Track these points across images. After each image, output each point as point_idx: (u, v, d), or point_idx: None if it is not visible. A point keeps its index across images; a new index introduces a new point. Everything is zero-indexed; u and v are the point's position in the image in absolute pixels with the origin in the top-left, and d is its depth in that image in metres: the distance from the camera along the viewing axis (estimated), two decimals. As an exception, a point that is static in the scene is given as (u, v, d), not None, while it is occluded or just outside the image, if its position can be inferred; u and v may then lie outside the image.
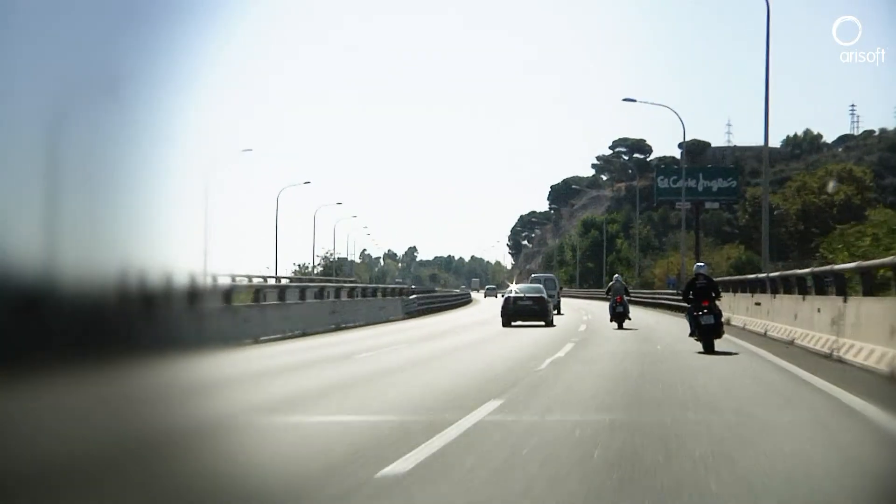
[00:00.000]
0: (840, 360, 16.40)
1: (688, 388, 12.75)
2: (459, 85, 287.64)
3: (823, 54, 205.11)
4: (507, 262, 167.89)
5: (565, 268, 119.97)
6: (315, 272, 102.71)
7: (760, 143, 42.26)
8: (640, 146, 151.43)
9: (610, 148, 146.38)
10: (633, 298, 35.41)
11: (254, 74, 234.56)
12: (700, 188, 72.00)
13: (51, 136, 4.99)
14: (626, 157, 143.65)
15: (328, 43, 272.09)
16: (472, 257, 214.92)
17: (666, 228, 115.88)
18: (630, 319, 30.76)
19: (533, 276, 57.69)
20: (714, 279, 21.26)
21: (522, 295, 34.30)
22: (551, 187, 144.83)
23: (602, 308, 36.52)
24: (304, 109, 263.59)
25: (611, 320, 30.57)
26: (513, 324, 32.79)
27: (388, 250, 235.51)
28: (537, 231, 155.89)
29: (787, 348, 20.19)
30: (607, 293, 31.72)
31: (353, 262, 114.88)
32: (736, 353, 19.10)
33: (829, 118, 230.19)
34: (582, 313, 46.03)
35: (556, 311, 41.77)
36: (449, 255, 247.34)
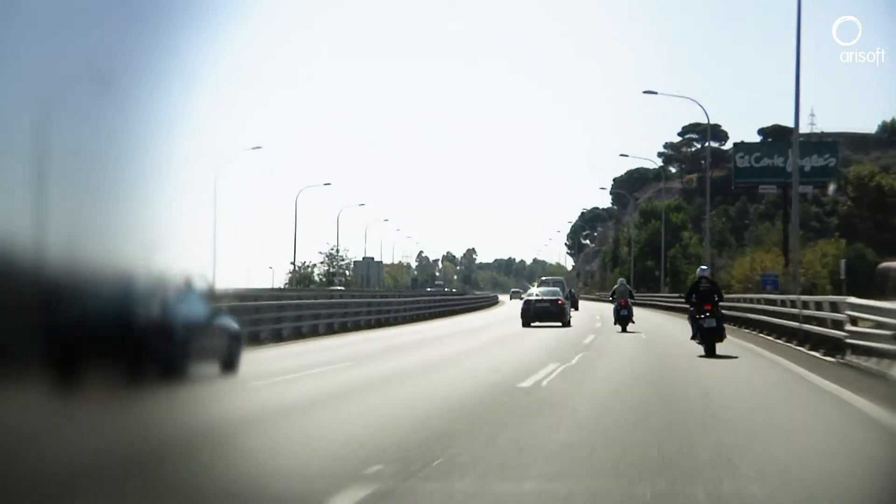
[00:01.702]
0: None
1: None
2: (512, 77, 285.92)
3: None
4: (568, 263, 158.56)
5: (621, 266, 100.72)
6: (316, 273, 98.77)
7: (850, 129, 41.24)
8: (714, 132, 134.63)
9: (679, 135, 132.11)
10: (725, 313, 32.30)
11: (292, 78, 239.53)
12: (789, 167, 57.97)
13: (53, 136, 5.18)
14: (698, 145, 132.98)
15: (367, 42, 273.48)
16: (535, 259, 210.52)
17: (744, 224, 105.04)
18: (633, 322, 32.58)
19: (542, 279, 58.01)
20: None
21: (541, 297, 37.64)
22: (614, 180, 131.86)
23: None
24: (336, 114, 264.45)
25: (615, 323, 32.37)
26: (532, 324, 36.19)
27: (447, 252, 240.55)
28: (599, 229, 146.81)
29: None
30: (612, 296, 33.89)
31: (379, 262, 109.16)
32: (737, 357, 20.44)
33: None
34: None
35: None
36: (509, 258, 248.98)
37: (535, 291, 39.40)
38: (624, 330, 31.30)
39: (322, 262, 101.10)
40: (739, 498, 7.04)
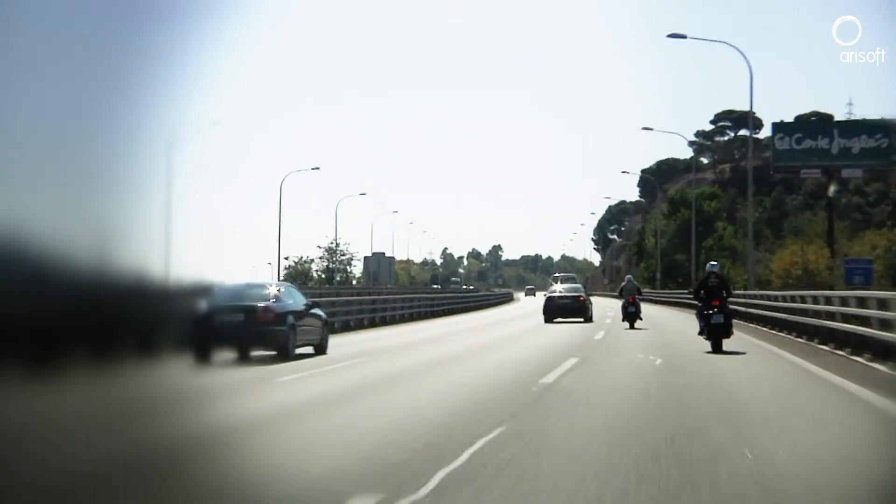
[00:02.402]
0: None
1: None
2: (535, 74, 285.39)
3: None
4: (595, 258, 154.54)
5: (647, 261, 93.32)
6: (314, 268, 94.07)
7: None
8: (748, 120, 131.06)
9: (711, 122, 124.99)
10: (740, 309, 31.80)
11: (326, 90, 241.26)
12: (835, 149, 55.64)
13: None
14: (732, 134, 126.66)
15: (396, 46, 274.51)
16: (563, 256, 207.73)
17: (781, 215, 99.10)
18: (641, 319, 33.44)
19: (554, 276, 58.30)
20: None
21: (563, 294, 39.53)
22: (642, 172, 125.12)
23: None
24: (370, 125, 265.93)
25: (623, 320, 33.40)
26: (554, 321, 38.02)
27: (473, 249, 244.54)
28: (627, 223, 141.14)
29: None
30: (620, 293, 35.06)
31: (391, 258, 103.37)
32: (744, 353, 20.78)
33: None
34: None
35: None
36: (536, 254, 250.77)
37: (557, 288, 41.48)
38: (632, 326, 32.18)
39: (321, 258, 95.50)
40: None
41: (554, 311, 38.46)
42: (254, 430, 10.47)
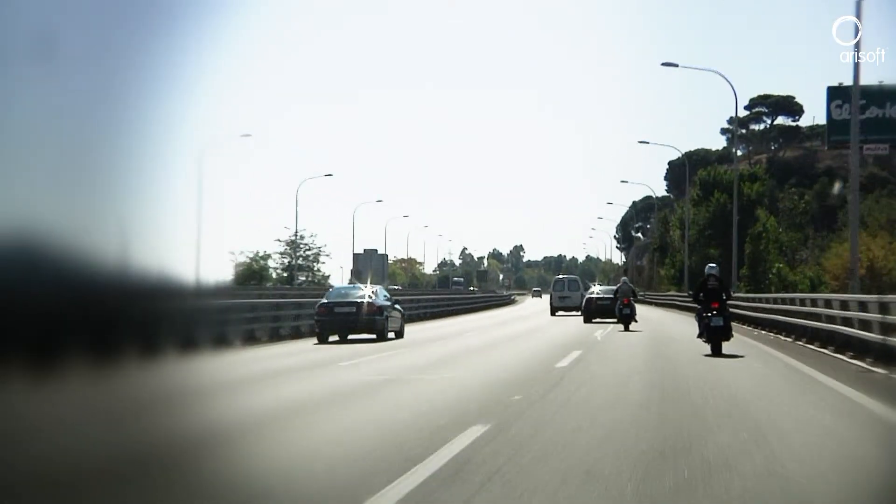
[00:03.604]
0: None
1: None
2: (546, 74, 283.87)
3: None
4: (618, 258, 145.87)
5: (672, 257, 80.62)
6: (272, 265, 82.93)
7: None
8: (788, 105, 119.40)
9: (746, 108, 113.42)
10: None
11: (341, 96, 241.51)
12: None
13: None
14: (768, 121, 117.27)
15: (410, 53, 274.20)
16: (588, 257, 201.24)
17: (826, 209, 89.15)
18: (637, 322, 35.04)
19: (556, 277, 58.69)
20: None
21: (601, 295, 42.87)
22: (669, 164, 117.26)
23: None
24: (383, 130, 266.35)
25: (617, 321, 35.18)
26: (593, 320, 41.86)
27: (493, 250, 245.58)
28: (652, 220, 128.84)
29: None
30: (614, 295, 36.53)
31: (383, 256, 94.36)
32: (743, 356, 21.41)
33: None
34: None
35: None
36: (559, 255, 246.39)
37: (596, 290, 45.61)
38: (626, 328, 33.96)
39: (283, 253, 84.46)
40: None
41: (593, 311, 42.41)
42: (389, 384, 16.06)
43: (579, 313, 48.13)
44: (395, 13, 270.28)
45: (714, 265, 23.43)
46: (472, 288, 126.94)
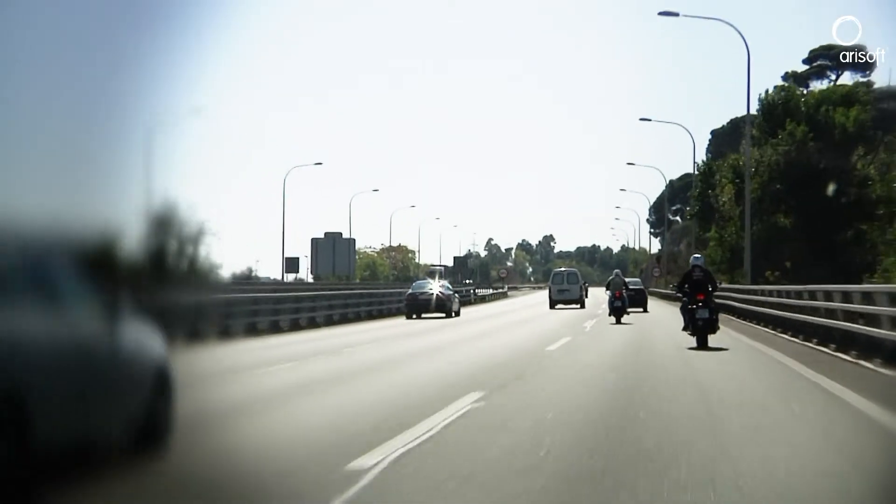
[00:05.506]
0: None
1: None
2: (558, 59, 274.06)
3: None
4: (653, 245, 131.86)
5: (722, 230, 56.11)
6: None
7: None
8: (858, 58, 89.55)
9: (805, 62, 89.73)
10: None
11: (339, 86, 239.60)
12: None
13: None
14: (834, 76, 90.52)
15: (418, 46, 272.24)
16: (623, 247, 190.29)
17: None
18: (628, 314, 36.46)
19: (555, 270, 56.69)
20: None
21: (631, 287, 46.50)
22: (712, 133, 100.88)
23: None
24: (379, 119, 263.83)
25: (609, 314, 36.36)
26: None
27: (522, 240, 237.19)
28: (692, 201, 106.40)
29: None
30: (607, 288, 37.38)
31: (349, 240, 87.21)
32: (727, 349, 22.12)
33: None
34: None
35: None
36: (593, 245, 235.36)
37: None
38: (618, 321, 35.56)
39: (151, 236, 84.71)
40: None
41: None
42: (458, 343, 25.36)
43: (579, 306, 55.60)
44: (396, 11, 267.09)
45: (699, 256, 23.91)
46: (466, 281, 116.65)
